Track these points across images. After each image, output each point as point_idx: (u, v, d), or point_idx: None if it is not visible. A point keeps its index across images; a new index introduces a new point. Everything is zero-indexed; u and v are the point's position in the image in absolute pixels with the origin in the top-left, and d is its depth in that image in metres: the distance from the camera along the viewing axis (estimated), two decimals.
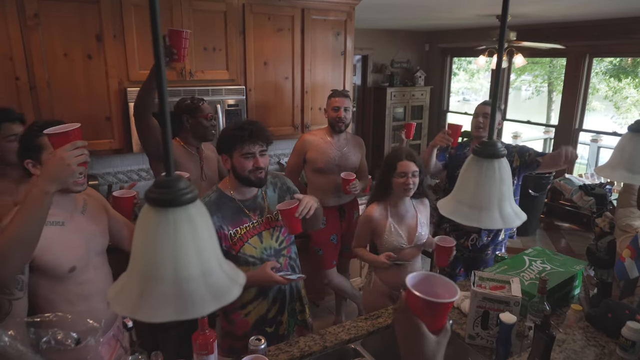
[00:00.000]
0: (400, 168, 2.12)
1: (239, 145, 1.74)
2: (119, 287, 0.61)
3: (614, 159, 1.26)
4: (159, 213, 0.57)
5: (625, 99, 10.73)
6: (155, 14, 0.57)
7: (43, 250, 1.45)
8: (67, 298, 1.56)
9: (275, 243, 1.92)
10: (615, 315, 1.62)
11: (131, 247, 0.60)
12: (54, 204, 1.42)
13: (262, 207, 1.90)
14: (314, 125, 3.55)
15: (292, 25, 3.29)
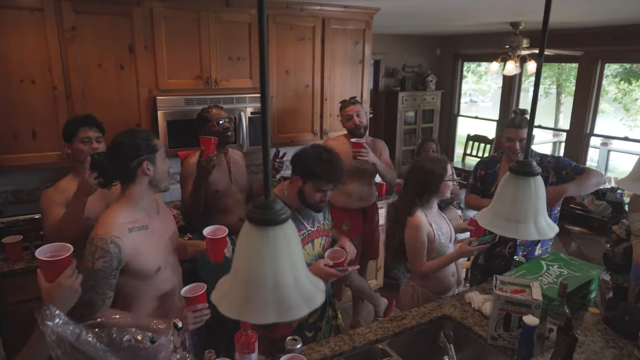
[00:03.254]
0: (448, 172, 2.23)
1: (317, 180, 1.81)
2: (222, 292, 0.72)
3: (636, 172, 1.35)
4: (261, 230, 0.68)
5: (635, 101, 10.74)
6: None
7: (134, 255, 1.55)
8: (152, 295, 1.67)
9: (322, 251, 2.04)
10: (632, 318, 1.71)
11: (233, 260, 0.71)
12: (138, 208, 1.60)
13: (314, 217, 2.02)
14: (333, 132, 3.65)
15: (313, 34, 3.39)
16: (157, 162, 1.61)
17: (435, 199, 2.29)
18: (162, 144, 1.71)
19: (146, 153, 1.58)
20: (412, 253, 2.24)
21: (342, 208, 3.14)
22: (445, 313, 2.08)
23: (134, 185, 1.60)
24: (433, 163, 2.22)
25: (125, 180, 1.60)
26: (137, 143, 1.58)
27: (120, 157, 1.57)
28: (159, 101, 2.93)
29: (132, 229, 1.57)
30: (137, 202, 1.61)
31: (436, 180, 2.19)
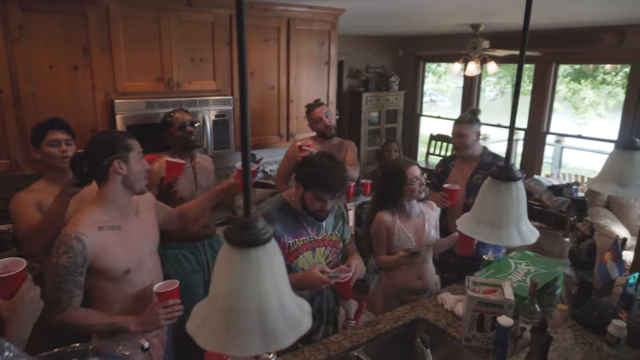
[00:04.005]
0: (412, 174, 2.24)
1: (316, 189, 1.82)
2: (199, 322, 0.65)
3: (605, 174, 1.38)
4: (242, 253, 0.62)
5: (583, 100, 11.29)
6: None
7: (99, 254, 1.54)
8: (121, 299, 1.64)
9: (324, 262, 2.02)
10: (600, 314, 1.76)
11: (211, 285, 0.65)
12: (111, 208, 1.60)
13: (320, 225, 2.00)
14: (299, 134, 3.60)
15: (278, 35, 3.33)
16: (130, 162, 1.60)
17: (406, 201, 2.29)
18: (138, 144, 1.67)
19: (118, 152, 1.57)
20: (373, 245, 2.38)
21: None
22: (419, 315, 2.08)
23: (107, 184, 1.59)
24: (394, 168, 2.29)
25: (99, 180, 1.60)
26: (110, 142, 1.58)
27: (92, 155, 1.58)
28: (117, 105, 2.78)
29: (102, 228, 1.56)
30: (111, 201, 1.61)
31: (398, 184, 2.25)
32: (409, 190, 2.24)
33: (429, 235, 2.32)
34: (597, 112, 11.48)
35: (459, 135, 2.70)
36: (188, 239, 2.42)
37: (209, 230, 2.51)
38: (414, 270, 2.31)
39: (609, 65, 9.33)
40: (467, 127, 2.68)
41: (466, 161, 2.75)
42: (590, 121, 11.66)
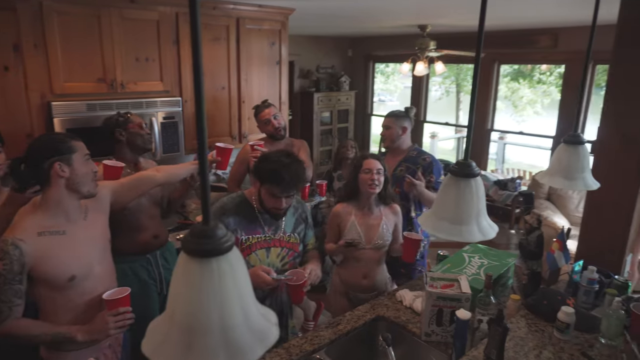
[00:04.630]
0: (366, 165, 2.26)
1: (270, 185, 1.82)
2: (155, 341, 0.60)
3: (552, 168, 1.44)
4: (202, 263, 0.57)
5: (521, 99, 11.93)
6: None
7: (40, 260, 1.46)
8: (68, 308, 1.56)
9: (279, 263, 1.99)
10: (550, 301, 1.83)
11: (168, 300, 0.59)
12: (55, 213, 1.54)
13: (279, 226, 1.98)
14: (252, 135, 3.53)
15: (228, 34, 3.24)
16: (74, 164, 1.54)
17: (364, 194, 2.29)
18: (83, 146, 1.60)
19: (60, 154, 1.52)
20: (327, 232, 2.42)
21: None
22: (379, 314, 2.09)
23: (50, 188, 1.53)
24: (357, 159, 2.38)
25: (42, 184, 1.54)
26: (50, 144, 1.53)
27: (32, 158, 1.50)
28: (54, 107, 2.59)
29: (43, 233, 1.50)
30: (55, 206, 1.55)
31: (355, 172, 2.30)
32: (362, 180, 2.25)
33: (382, 236, 2.33)
34: (534, 110, 12.17)
35: (385, 128, 2.84)
36: (138, 251, 2.28)
37: (160, 239, 2.38)
38: (358, 269, 2.32)
39: (545, 65, 9.91)
40: (393, 121, 2.81)
41: (393, 154, 2.86)
42: (529, 118, 12.34)
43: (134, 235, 2.24)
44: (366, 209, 2.32)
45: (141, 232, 2.28)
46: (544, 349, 1.66)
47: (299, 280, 1.90)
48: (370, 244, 2.31)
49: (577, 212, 4.38)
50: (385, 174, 2.30)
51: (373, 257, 2.33)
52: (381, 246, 2.34)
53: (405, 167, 2.77)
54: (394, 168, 2.80)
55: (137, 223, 2.25)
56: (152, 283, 2.36)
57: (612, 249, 2.03)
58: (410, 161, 2.79)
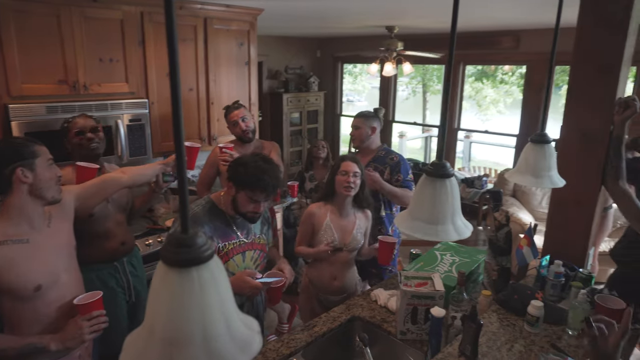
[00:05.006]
0: (343, 167, 2.26)
1: (250, 189, 1.78)
2: (135, 354, 0.57)
3: (521, 167, 1.48)
4: (182, 273, 0.55)
5: (485, 98, 12.27)
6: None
7: (3, 270, 1.41)
8: (36, 319, 1.51)
9: (253, 266, 1.97)
10: (520, 296, 1.88)
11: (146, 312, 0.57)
12: (17, 221, 1.48)
13: (249, 228, 1.95)
14: (222, 137, 3.48)
15: (195, 35, 3.18)
16: (37, 169, 1.49)
17: (340, 197, 2.29)
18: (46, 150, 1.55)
19: (22, 159, 1.48)
20: (298, 233, 2.39)
21: None
22: (354, 314, 2.09)
23: (12, 195, 1.49)
24: (335, 161, 2.38)
25: (3, 191, 1.50)
26: (10, 148, 1.49)
27: None
28: (11, 110, 2.47)
29: (5, 242, 1.45)
30: (17, 213, 1.50)
31: (332, 173, 2.31)
32: (338, 181, 2.26)
33: (355, 239, 2.34)
34: (497, 109, 12.55)
35: (354, 128, 2.86)
36: (105, 258, 2.20)
37: (127, 246, 2.31)
38: (329, 271, 2.32)
39: (507, 66, 10.23)
40: (362, 121, 2.84)
41: (362, 154, 2.88)
42: (492, 117, 12.72)
43: (100, 242, 2.16)
44: (341, 211, 2.32)
45: (108, 239, 2.21)
46: (515, 343, 1.71)
47: (280, 281, 1.88)
48: (344, 246, 2.32)
49: (541, 207, 4.54)
50: (362, 177, 2.31)
51: (345, 259, 2.34)
52: (354, 249, 2.35)
53: (374, 167, 2.80)
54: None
55: (103, 230, 2.18)
56: (121, 291, 2.29)
57: (576, 243, 2.11)
58: (378, 161, 2.82)
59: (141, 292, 2.39)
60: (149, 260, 2.73)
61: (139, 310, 2.39)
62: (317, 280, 2.35)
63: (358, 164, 2.30)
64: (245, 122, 2.85)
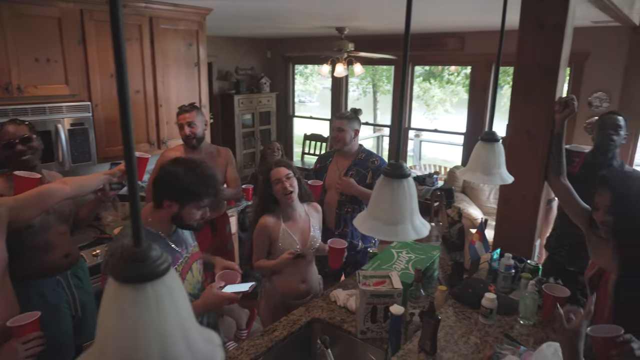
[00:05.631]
0: (274, 176, 2.22)
1: (198, 199, 1.65)
2: None
3: (472, 164, 1.52)
4: (136, 290, 0.51)
5: (432, 98, 12.68)
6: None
7: None
8: None
9: (200, 277, 1.86)
10: (474, 289, 1.95)
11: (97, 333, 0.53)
12: None
13: (185, 240, 1.81)
14: (172, 141, 3.36)
15: (141, 34, 3.05)
16: None
17: (285, 204, 2.26)
18: None
19: None
20: (253, 249, 2.31)
21: None
22: (314, 316, 2.08)
23: None
24: (265, 170, 2.30)
25: None
26: None
27: None
28: None
29: None
30: None
31: (266, 185, 2.25)
32: (276, 191, 2.22)
33: (314, 238, 2.33)
34: (444, 109, 13.00)
35: (338, 130, 2.80)
36: (46, 272, 2.06)
37: (71, 258, 2.17)
38: (298, 274, 2.30)
39: (453, 66, 10.62)
40: (346, 123, 2.80)
41: (343, 157, 2.86)
42: (440, 116, 13.16)
43: (40, 255, 2.02)
44: (292, 214, 2.29)
45: (49, 251, 2.07)
46: (471, 335, 1.76)
47: (233, 280, 1.81)
48: (306, 247, 2.30)
49: (489, 202, 4.74)
50: (297, 176, 2.28)
51: (308, 259, 2.33)
52: (314, 247, 2.34)
53: (356, 171, 2.78)
54: (344, 172, 2.80)
55: (44, 242, 2.03)
56: (65, 306, 2.15)
57: (523, 236, 2.21)
58: (360, 165, 2.81)
59: (88, 305, 2.26)
60: (97, 272, 2.59)
61: (86, 325, 2.27)
62: (286, 287, 2.30)
63: (286, 165, 2.26)
64: (192, 128, 2.74)
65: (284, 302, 2.31)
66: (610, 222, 1.56)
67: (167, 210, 1.63)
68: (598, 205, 1.59)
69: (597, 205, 1.60)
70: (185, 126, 2.72)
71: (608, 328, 1.31)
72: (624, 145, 4.37)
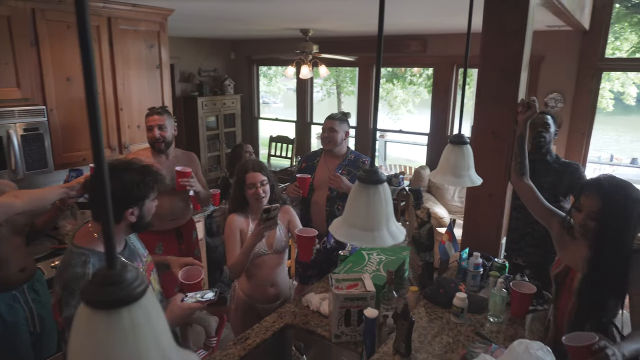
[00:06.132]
0: (249, 180, 2.19)
1: (152, 191, 1.58)
2: None
3: (442, 167, 1.54)
4: (111, 316, 0.48)
5: (395, 98, 12.88)
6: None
7: None
8: None
9: (158, 286, 1.77)
10: (445, 289, 1.97)
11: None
12: None
13: (137, 253, 1.70)
14: (134, 145, 3.25)
15: (98, 35, 2.92)
16: None
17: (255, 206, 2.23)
18: None
19: None
20: (226, 251, 2.23)
21: (152, 231, 2.73)
22: (287, 322, 2.05)
23: None
24: (239, 171, 2.26)
25: None
26: None
27: None
28: None
29: None
30: None
31: (240, 187, 2.22)
32: (249, 195, 2.21)
33: (280, 239, 2.31)
34: (407, 109, 13.23)
35: (330, 130, 2.81)
36: (1, 288, 1.94)
37: (27, 272, 2.05)
38: (264, 278, 2.27)
39: (416, 68, 10.82)
40: (337, 124, 2.82)
41: (332, 157, 2.87)
42: (403, 117, 13.40)
43: None
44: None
45: (3, 266, 1.95)
46: (444, 335, 1.78)
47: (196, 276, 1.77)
48: (271, 249, 2.27)
49: (454, 201, 4.85)
50: (272, 182, 2.26)
51: (276, 262, 2.30)
52: (281, 249, 2.32)
53: (347, 171, 2.81)
54: (334, 171, 2.80)
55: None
56: (22, 322, 2.04)
57: (490, 235, 2.27)
58: (351, 165, 2.84)
59: (47, 319, 2.15)
60: None
61: (46, 340, 2.16)
62: (254, 291, 2.27)
63: (262, 169, 2.23)
64: (162, 131, 2.65)
65: (254, 307, 2.27)
66: (591, 227, 1.54)
67: (128, 219, 1.55)
68: (582, 208, 1.57)
69: (581, 207, 1.57)
70: (155, 129, 2.63)
71: (583, 336, 1.32)
72: (577, 142, 4.59)
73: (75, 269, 1.41)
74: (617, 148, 13.19)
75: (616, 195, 1.51)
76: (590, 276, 1.59)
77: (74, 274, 1.39)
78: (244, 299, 2.28)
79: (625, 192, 1.51)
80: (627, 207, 1.49)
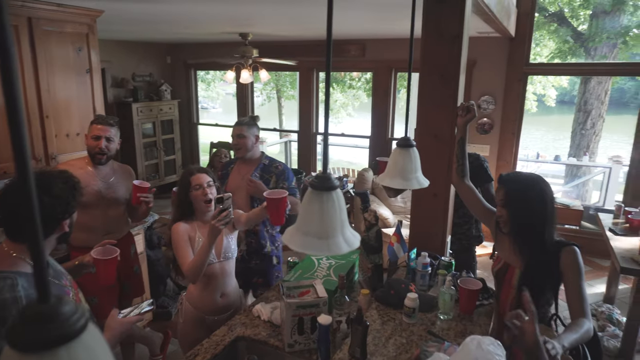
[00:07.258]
0: (195, 181, 2.12)
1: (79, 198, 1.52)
2: None
3: (390, 170, 1.55)
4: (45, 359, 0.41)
5: (335, 102, 13.07)
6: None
7: None
8: None
9: (85, 300, 1.63)
10: (396, 290, 2.00)
11: None
12: None
13: (59, 270, 1.55)
14: (64, 155, 3.02)
15: (18, 37, 2.69)
16: None
17: (201, 211, 2.15)
18: None
19: None
20: (178, 258, 2.12)
21: (84, 247, 2.34)
22: (238, 334, 1.98)
23: None
24: (182, 176, 2.20)
25: None
26: None
27: None
28: None
29: None
30: None
31: (184, 190, 2.15)
32: (195, 197, 2.13)
33: (229, 247, 2.24)
34: (347, 112, 13.46)
35: (238, 137, 2.76)
36: None
37: None
38: (213, 288, 2.18)
39: (355, 72, 11.02)
40: (246, 129, 2.77)
41: (246, 163, 2.82)
42: (343, 120, 13.61)
43: None
44: (207, 221, 2.18)
45: None
46: (397, 336, 1.80)
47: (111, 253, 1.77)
48: (220, 257, 2.19)
49: (397, 202, 4.97)
50: (217, 184, 2.21)
51: (225, 270, 2.22)
52: (230, 257, 2.24)
53: (260, 176, 2.75)
54: (248, 177, 2.74)
55: None
56: None
57: (436, 234, 2.33)
58: (264, 170, 2.78)
59: None
60: None
61: None
62: (203, 302, 2.17)
63: (207, 172, 2.19)
64: (108, 144, 2.48)
65: (203, 319, 2.17)
66: (505, 215, 1.72)
67: (65, 229, 1.47)
68: (497, 201, 1.77)
69: (497, 201, 1.78)
70: (102, 139, 2.44)
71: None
72: (509, 142, 4.87)
73: (3, 294, 1.26)
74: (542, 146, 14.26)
75: (517, 182, 1.73)
76: (526, 270, 1.69)
77: (3, 301, 1.25)
78: (193, 311, 2.18)
79: (527, 180, 1.73)
80: (528, 190, 1.69)
